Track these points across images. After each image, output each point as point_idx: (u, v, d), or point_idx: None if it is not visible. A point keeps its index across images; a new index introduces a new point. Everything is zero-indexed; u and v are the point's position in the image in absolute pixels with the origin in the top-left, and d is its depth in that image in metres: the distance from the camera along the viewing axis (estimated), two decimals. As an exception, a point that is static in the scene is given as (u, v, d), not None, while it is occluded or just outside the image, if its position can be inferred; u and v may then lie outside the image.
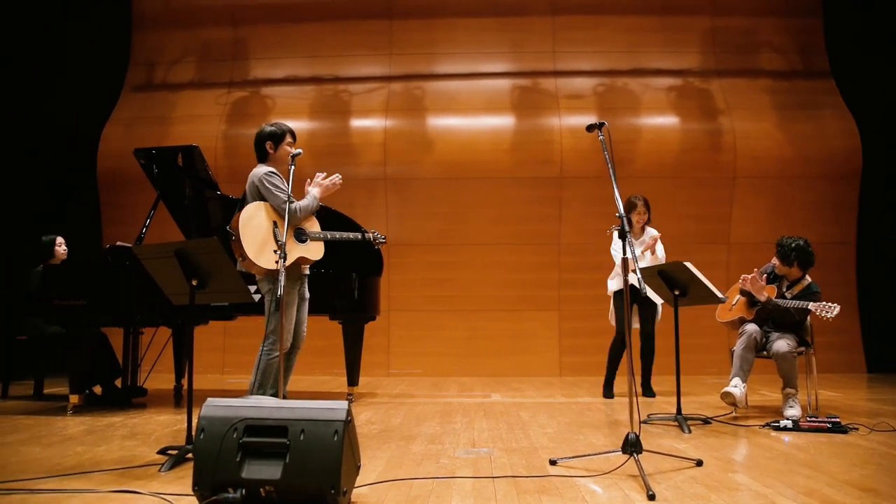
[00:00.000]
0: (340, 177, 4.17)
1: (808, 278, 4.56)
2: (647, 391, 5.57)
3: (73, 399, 4.64)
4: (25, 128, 7.83)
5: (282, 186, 3.83)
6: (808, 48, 8.36)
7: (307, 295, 4.12)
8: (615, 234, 5.49)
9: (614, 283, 5.60)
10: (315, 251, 4.01)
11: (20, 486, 2.57)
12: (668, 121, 8.23)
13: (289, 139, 3.99)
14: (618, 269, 5.51)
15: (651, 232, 5.56)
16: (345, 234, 4.24)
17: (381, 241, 4.49)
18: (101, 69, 8.64)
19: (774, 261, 4.63)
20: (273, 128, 4.00)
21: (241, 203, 3.95)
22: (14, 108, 7.53)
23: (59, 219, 7.26)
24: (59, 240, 5.62)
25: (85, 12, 8.39)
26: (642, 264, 5.35)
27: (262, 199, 3.84)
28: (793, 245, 4.48)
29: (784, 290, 4.58)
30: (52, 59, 8.06)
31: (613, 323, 5.59)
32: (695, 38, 8.44)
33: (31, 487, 2.54)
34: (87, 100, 8.42)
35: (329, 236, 4.08)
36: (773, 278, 4.66)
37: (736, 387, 4.29)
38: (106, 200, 8.47)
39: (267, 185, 3.82)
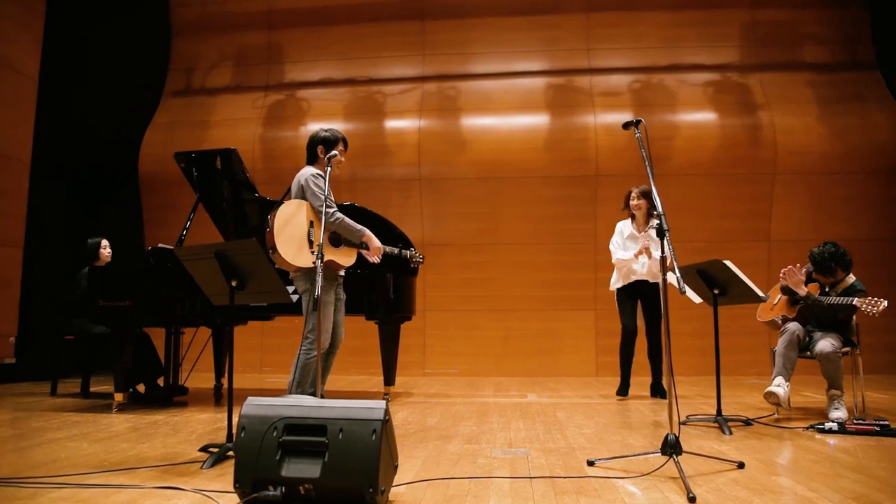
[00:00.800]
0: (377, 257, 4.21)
1: (853, 276, 4.44)
2: (656, 391, 5.42)
3: (118, 397, 4.76)
4: (70, 135, 8.05)
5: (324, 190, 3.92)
6: (852, 39, 8.14)
7: (343, 296, 4.18)
8: (617, 226, 5.49)
9: (615, 280, 5.50)
10: (346, 257, 4.09)
11: (70, 480, 2.64)
12: (706, 117, 8.09)
13: (340, 147, 4.10)
14: (618, 266, 5.44)
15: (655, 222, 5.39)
16: (386, 248, 4.29)
17: (419, 260, 4.56)
18: (141, 76, 8.86)
19: (814, 274, 4.52)
20: (328, 134, 4.12)
21: (282, 203, 4.02)
22: (59, 116, 7.75)
23: (104, 222, 7.46)
24: (104, 242, 5.77)
25: (126, 21, 8.60)
26: (637, 266, 5.30)
27: (306, 198, 3.93)
28: (826, 254, 4.36)
29: (827, 288, 4.46)
30: (94, 68, 8.28)
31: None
32: (733, 32, 8.28)
33: (80, 482, 2.61)
34: (128, 106, 8.64)
35: (388, 251, 4.23)
36: (811, 277, 4.55)
37: (779, 386, 4.19)
38: (148, 203, 8.68)
39: (312, 185, 3.94)
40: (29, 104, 7.13)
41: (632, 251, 5.35)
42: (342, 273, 4.17)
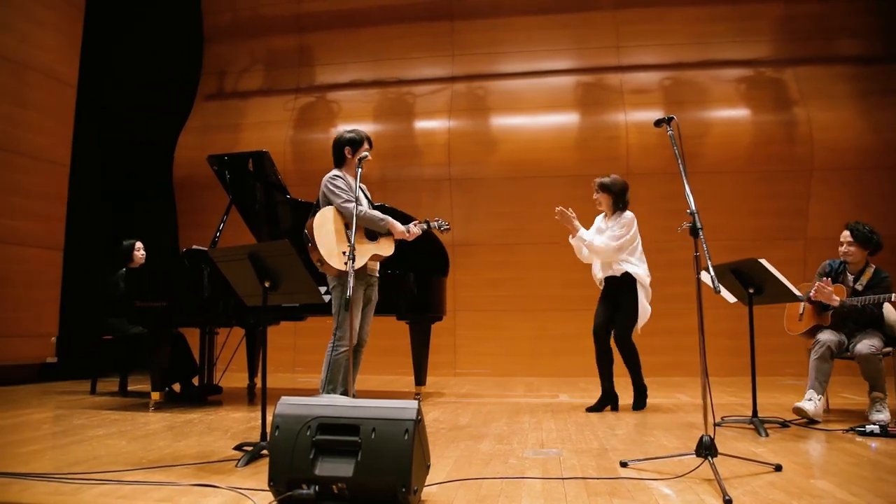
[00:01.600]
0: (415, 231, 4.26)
1: (872, 264, 4.32)
2: (637, 400, 4.87)
3: (155, 396, 4.86)
4: (106, 139, 8.24)
5: (345, 188, 3.95)
6: (889, 30, 7.92)
7: (375, 298, 4.20)
8: (597, 219, 5.03)
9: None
10: (387, 247, 4.12)
11: (110, 476, 2.71)
12: (740, 113, 7.96)
13: (366, 146, 4.12)
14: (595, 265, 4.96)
15: (628, 215, 4.83)
16: (413, 228, 4.29)
17: (445, 227, 4.51)
18: (175, 81, 9.05)
19: (846, 247, 4.33)
20: (353, 135, 4.15)
21: (315, 208, 4.06)
22: (95, 120, 7.94)
23: (139, 224, 7.61)
24: (138, 244, 5.88)
25: (160, 28, 8.77)
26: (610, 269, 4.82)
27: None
28: (867, 229, 4.28)
29: (853, 283, 4.33)
30: (130, 74, 8.47)
31: None
32: (766, 26, 8.13)
33: (120, 479, 2.67)
34: (162, 111, 8.82)
35: (417, 228, 4.24)
36: (834, 276, 4.42)
37: (810, 400, 4.06)
38: (182, 206, 8.84)
39: (331, 187, 3.98)
40: (68, 110, 7.33)
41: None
42: (376, 273, 4.19)
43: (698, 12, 8.18)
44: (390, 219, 4.13)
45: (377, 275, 4.21)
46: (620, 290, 4.79)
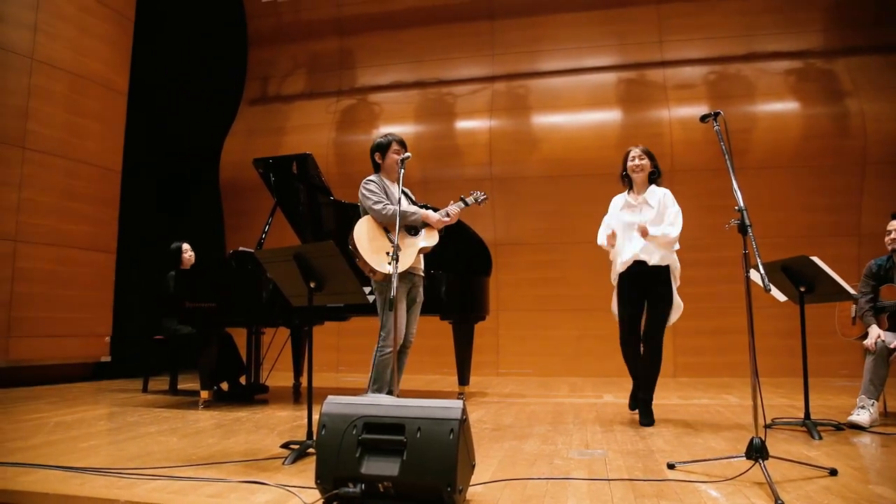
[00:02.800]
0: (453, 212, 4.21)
1: None
2: (643, 415, 4.16)
3: (204, 394, 4.97)
4: (155, 144, 8.48)
5: (377, 191, 3.99)
6: (948, 17, 7.60)
7: (420, 298, 4.18)
8: (612, 201, 4.49)
9: (615, 266, 4.35)
10: (430, 238, 4.11)
11: (162, 472, 2.78)
12: (788, 106, 7.74)
13: (395, 147, 4.11)
14: (613, 251, 4.34)
15: (657, 192, 4.23)
16: (450, 212, 4.24)
17: (483, 198, 4.43)
18: (221, 86, 9.25)
19: (894, 234, 4.19)
20: (381, 139, 4.16)
21: (359, 216, 4.10)
22: (145, 126, 8.17)
23: (187, 226, 7.80)
24: (186, 246, 6.02)
25: (206, 34, 8.98)
26: (636, 249, 4.13)
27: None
28: None
29: None
30: (177, 80, 8.69)
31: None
32: (815, 16, 7.88)
33: (171, 475, 2.75)
34: (209, 115, 9.02)
35: (444, 211, 4.20)
36: (883, 275, 4.23)
37: (863, 408, 3.89)
38: (228, 208, 9.03)
39: (364, 192, 4.03)
40: (119, 117, 7.57)
41: (627, 222, 4.24)
42: (420, 273, 4.19)
43: (743, 4, 7.99)
44: (423, 210, 4.11)
45: (421, 274, 4.20)
46: (657, 278, 4.12)
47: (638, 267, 4.15)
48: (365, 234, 3.92)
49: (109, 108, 7.43)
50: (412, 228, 4.11)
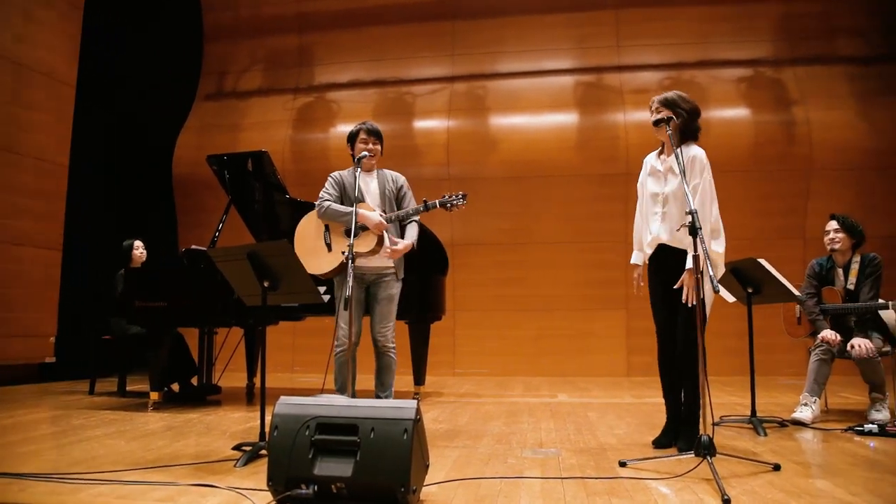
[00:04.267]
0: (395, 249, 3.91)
1: (858, 254, 4.30)
2: (683, 442, 3.18)
3: (154, 396, 4.85)
4: (105, 138, 8.24)
5: (330, 186, 3.94)
6: (891, 29, 7.91)
7: (384, 295, 4.02)
8: (649, 159, 3.75)
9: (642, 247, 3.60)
10: (363, 245, 3.80)
11: (109, 476, 2.70)
12: (739, 113, 7.95)
13: (361, 136, 4.01)
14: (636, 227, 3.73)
15: (691, 151, 3.43)
16: (411, 209, 4.06)
17: (459, 201, 4.09)
18: (174, 81, 9.03)
19: (832, 234, 4.32)
20: (351, 129, 4.07)
21: None
22: (94, 119, 7.93)
23: (138, 223, 7.61)
24: (137, 243, 5.86)
25: (159, 27, 8.77)
26: (658, 231, 3.37)
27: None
28: (850, 220, 4.31)
29: (844, 283, 4.30)
30: (129, 73, 8.47)
31: None
32: (766, 26, 8.13)
33: (119, 479, 2.67)
34: (162, 110, 8.81)
35: (393, 216, 3.99)
36: (824, 276, 4.38)
37: (805, 405, 4.03)
38: (181, 205, 8.83)
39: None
40: (67, 109, 7.32)
41: (651, 192, 3.50)
42: (384, 272, 4.01)
43: (699, 12, 8.18)
44: (361, 211, 3.72)
45: (386, 272, 4.01)
46: (673, 266, 3.27)
47: (664, 252, 3.33)
48: (301, 235, 3.84)
49: (56, 100, 7.18)
50: (357, 229, 3.90)
